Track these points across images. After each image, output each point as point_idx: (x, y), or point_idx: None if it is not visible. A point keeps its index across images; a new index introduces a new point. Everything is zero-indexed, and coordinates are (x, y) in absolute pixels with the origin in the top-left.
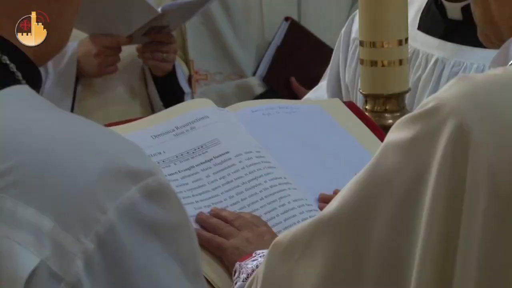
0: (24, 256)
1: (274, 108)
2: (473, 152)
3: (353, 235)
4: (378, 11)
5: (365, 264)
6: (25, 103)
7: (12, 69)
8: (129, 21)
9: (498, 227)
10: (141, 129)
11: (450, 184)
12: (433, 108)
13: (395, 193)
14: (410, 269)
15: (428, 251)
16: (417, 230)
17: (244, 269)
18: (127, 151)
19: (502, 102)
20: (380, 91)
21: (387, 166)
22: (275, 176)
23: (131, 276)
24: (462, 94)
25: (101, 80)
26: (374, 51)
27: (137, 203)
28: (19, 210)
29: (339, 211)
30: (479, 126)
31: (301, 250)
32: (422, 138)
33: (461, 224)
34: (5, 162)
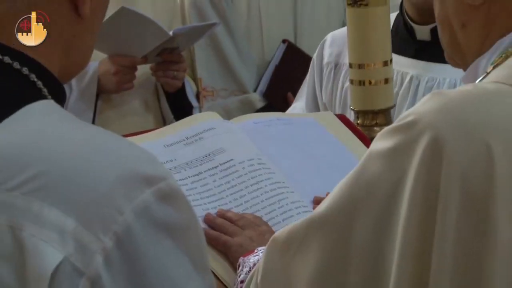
0: (49, 253)
1: (273, 120)
2: (446, 162)
3: (340, 234)
4: (365, 36)
5: (351, 261)
6: (50, 116)
7: (39, 85)
8: (144, 43)
9: (470, 229)
10: (155, 139)
11: (425, 190)
12: (411, 122)
13: (377, 197)
14: (391, 266)
15: (406, 251)
16: (396, 231)
17: (246, 264)
18: (142, 159)
19: (473, 117)
20: (369, 107)
21: (370, 172)
22: (274, 180)
23: (146, 271)
24: (437, 109)
25: (119, 95)
26: (362, 71)
27: (151, 205)
28: (44, 211)
29: (328, 212)
30: (452, 139)
31: (296, 246)
32: (401, 148)
33: (435, 226)
34: (33, 168)
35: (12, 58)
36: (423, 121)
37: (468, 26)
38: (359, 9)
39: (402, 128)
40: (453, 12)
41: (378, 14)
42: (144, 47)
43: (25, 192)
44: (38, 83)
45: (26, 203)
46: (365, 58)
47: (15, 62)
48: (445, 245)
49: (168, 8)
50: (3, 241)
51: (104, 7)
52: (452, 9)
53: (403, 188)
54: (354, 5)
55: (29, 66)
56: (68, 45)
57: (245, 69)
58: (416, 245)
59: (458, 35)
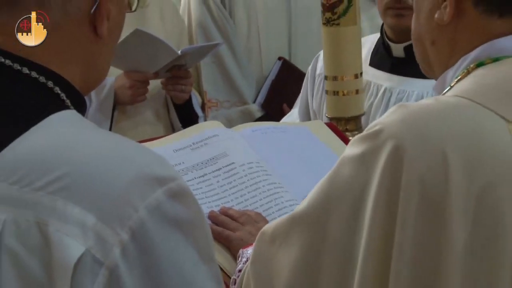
0: (72, 246)
1: (269, 128)
2: (406, 167)
3: (316, 230)
4: (338, 52)
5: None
6: (73, 124)
7: (62, 97)
8: (155, 61)
9: (426, 226)
10: (165, 144)
11: (388, 194)
12: (376, 131)
13: (347, 198)
14: (357, 261)
15: (371, 246)
16: (363, 229)
17: (245, 255)
18: (154, 162)
19: (431, 129)
20: (341, 115)
21: (342, 175)
22: (271, 181)
23: (158, 262)
24: (400, 120)
25: (133, 107)
26: (336, 83)
27: (163, 203)
28: (68, 208)
29: (306, 210)
30: (411, 148)
31: (281, 239)
32: (368, 155)
33: (396, 224)
34: (58, 171)
35: (38, 73)
36: (387, 131)
37: (437, 43)
38: (332, 28)
39: (369, 137)
40: (424, 31)
41: (349, 32)
42: (156, 64)
43: (51, 192)
44: (62, 95)
45: (51, 201)
46: (338, 71)
47: (41, 76)
48: (404, 244)
49: (177, 30)
50: (31, 236)
51: (119, 28)
52: (424, 28)
53: (369, 191)
54: (327, 24)
55: (54, 80)
56: (88, 62)
57: (245, 83)
58: (379, 242)
59: (429, 51)
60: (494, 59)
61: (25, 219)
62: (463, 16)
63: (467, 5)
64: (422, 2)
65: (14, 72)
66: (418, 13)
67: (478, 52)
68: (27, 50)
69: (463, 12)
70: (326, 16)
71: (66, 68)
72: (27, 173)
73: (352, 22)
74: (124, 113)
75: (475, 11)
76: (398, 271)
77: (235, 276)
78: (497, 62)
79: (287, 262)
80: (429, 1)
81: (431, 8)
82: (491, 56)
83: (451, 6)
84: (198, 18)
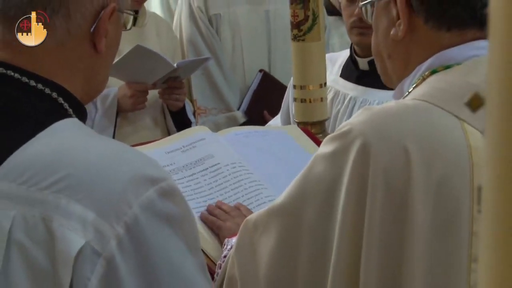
0: (73, 239)
1: (251, 132)
2: (373, 161)
3: (292, 220)
4: (305, 65)
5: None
6: (75, 131)
7: (65, 107)
8: (153, 73)
9: (392, 213)
10: (159, 147)
11: (358, 184)
12: (346, 131)
13: (321, 190)
14: (332, 246)
15: (344, 232)
16: (336, 217)
17: (229, 243)
18: (147, 164)
19: (393, 127)
20: (308, 120)
21: (316, 171)
22: (252, 179)
23: (151, 253)
24: (366, 121)
25: (133, 114)
26: (304, 92)
27: (154, 201)
28: (70, 206)
29: (283, 202)
30: (376, 143)
31: (261, 228)
32: (339, 152)
33: (365, 211)
34: (61, 172)
35: (44, 85)
36: (355, 130)
37: (393, 56)
38: (299, 43)
39: (340, 136)
40: (382, 46)
41: (314, 47)
42: (154, 76)
43: (55, 191)
44: (65, 104)
45: (55, 199)
46: (305, 81)
47: (46, 88)
48: (372, 228)
49: (171, 46)
50: (37, 231)
51: (116, 45)
52: (382, 44)
53: (341, 183)
54: (295, 40)
55: (57, 91)
56: (88, 75)
57: (230, 93)
58: (351, 228)
59: (387, 63)
60: (446, 66)
61: (32, 215)
62: (415, 32)
63: (419, 22)
64: (379, 21)
65: (23, 85)
66: (376, 31)
67: (431, 61)
68: (34, 65)
69: (415, 28)
70: (294, 32)
71: (69, 81)
72: (34, 174)
73: (317, 38)
74: (126, 119)
75: (425, 27)
76: (368, 253)
77: (220, 261)
78: (448, 69)
79: (267, 249)
80: (386, 20)
81: (387, 26)
82: (443, 64)
83: (405, 23)
84: (189, 35)
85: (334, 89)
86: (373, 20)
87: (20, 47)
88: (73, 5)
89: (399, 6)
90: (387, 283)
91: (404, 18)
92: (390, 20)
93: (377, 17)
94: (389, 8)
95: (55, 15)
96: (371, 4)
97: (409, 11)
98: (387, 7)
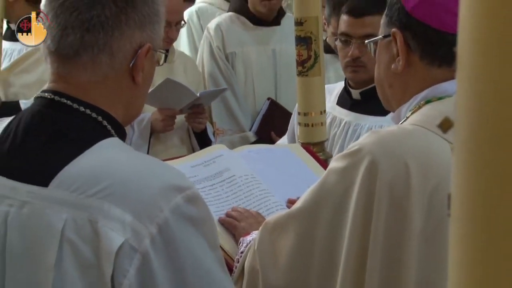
0: (114, 237)
1: (261, 150)
2: (379, 176)
3: (308, 223)
4: (308, 95)
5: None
6: (116, 148)
7: (108, 128)
8: (180, 101)
9: (393, 220)
10: (185, 162)
11: (366, 196)
12: (356, 150)
13: (333, 199)
14: (341, 250)
15: (353, 235)
16: (346, 225)
17: (244, 241)
18: (175, 175)
19: (397, 146)
20: (310, 141)
21: (329, 183)
22: (261, 188)
23: (178, 249)
24: (374, 142)
25: (164, 134)
26: (307, 117)
27: (181, 206)
28: (112, 209)
29: (301, 207)
30: (383, 161)
31: (280, 229)
32: (350, 167)
33: (372, 218)
34: (104, 182)
35: (91, 110)
36: (364, 150)
37: (394, 86)
38: (303, 78)
39: (351, 154)
40: (384, 77)
41: (315, 81)
42: (181, 104)
43: (99, 197)
44: (108, 126)
45: (100, 204)
46: (308, 109)
47: (93, 113)
48: (378, 234)
49: (196, 79)
50: (85, 230)
51: (151, 77)
52: (383, 75)
53: (351, 194)
54: (300, 75)
55: (102, 115)
56: (128, 103)
57: (243, 117)
58: (360, 232)
59: (387, 92)
60: (438, 98)
61: (81, 218)
62: (412, 67)
63: (415, 58)
64: (382, 56)
65: (74, 110)
66: (379, 64)
67: (426, 93)
68: (83, 94)
69: (412, 64)
70: (299, 69)
71: (112, 107)
72: (82, 184)
73: (318, 74)
74: (158, 139)
75: (420, 63)
76: (373, 253)
77: (238, 256)
78: (440, 100)
79: (286, 247)
80: (387, 56)
81: (389, 61)
82: (436, 96)
83: (403, 59)
84: (209, 70)
85: (332, 115)
86: (377, 55)
87: (72, 80)
88: (115, 45)
89: (399, 45)
90: (388, 278)
91: (402, 55)
92: (391, 56)
93: (380, 53)
94: (390, 46)
95: (101, 53)
96: (374, 43)
97: (407, 49)
98: (388, 45)
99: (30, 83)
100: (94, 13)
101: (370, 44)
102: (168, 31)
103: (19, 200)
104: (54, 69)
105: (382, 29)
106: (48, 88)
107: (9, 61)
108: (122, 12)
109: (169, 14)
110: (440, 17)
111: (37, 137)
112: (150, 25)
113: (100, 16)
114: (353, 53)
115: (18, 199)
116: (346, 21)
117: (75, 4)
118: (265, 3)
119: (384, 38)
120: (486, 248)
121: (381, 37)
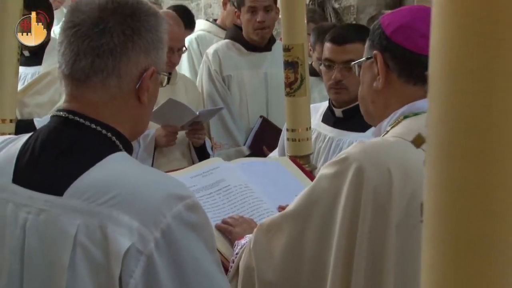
0: (122, 241)
1: (254, 162)
2: (365, 183)
3: (301, 223)
4: (295, 113)
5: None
6: (124, 161)
7: (117, 143)
8: (182, 119)
9: (377, 222)
10: (185, 173)
11: (353, 203)
12: (344, 158)
13: (322, 204)
14: (330, 252)
15: (341, 234)
16: (334, 227)
17: (239, 244)
18: (177, 185)
19: (381, 155)
20: (297, 154)
21: (319, 188)
22: (254, 197)
23: (180, 252)
24: (360, 150)
25: (167, 149)
26: (294, 133)
27: (182, 212)
28: (120, 216)
29: (294, 209)
30: (368, 168)
31: (274, 230)
32: (338, 174)
33: (358, 221)
34: (113, 192)
35: (101, 127)
36: (352, 157)
37: (375, 102)
38: (291, 98)
39: (339, 162)
40: (366, 94)
41: (302, 101)
42: (182, 121)
43: (109, 206)
44: (117, 142)
45: (109, 212)
46: (295, 125)
47: (103, 130)
48: (363, 238)
49: (196, 99)
50: (96, 235)
51: (155, 97)
52: (366, 92)
53: (340, 197)
54: (288, 95)
55: (111, 132)
56: (134, 120)
57: (238, 133)
58: (347, 232)
59: (370, 107)
60: (415, 113)
61: (92, 224)
62: (391, 85)
63: (393, 77)
64: (365, 76)
65: (86, 127)
66: (363, 83)
67: (404, 110)
68: (94, 113)
69: (391, 82)
70: (287, 90)
71: (120, 124)
72: (93, 193)
73: (304, 94)
74: (161, 153)
75: (398, 81)
76: (359, 250)
77: (233, 258)
78: (417, 116)
79: (279, 246)
80: (369, 75)
81: (371, 80)
82: (413, 112)
83: (383, 78)
84: (208, 90)
85: (317, 131)
86: (361, 75)
87: (84, 100)
88: (123, 69)
89: (379, 65)
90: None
91: (382, 74)
92: (373, 75)
93: (363, 73)
94: (372, 67)
95: (110, 77)
96: (358, 65)
97: (386, 69)
98: (371, 66)
99: (42, 103)
100: (104, 41)
101: (354, 66)
102: (170, 56)
103: (37, 208)
104: (68, 91)
105: (365, 52)
106: (63, 108)
107: (23, 84)
108: (129, 40)
109: (172, 41)
110: (416, 41)
111: (53, 151)
112: (155, 51)
113: (109, 43)
114: (336, 77)
115: (35, 207)
116: (329, 48)
117: (87, 33)
118: (258, 32)
119: (367, 60)
120: (455, 252)
121: (365, 59)
